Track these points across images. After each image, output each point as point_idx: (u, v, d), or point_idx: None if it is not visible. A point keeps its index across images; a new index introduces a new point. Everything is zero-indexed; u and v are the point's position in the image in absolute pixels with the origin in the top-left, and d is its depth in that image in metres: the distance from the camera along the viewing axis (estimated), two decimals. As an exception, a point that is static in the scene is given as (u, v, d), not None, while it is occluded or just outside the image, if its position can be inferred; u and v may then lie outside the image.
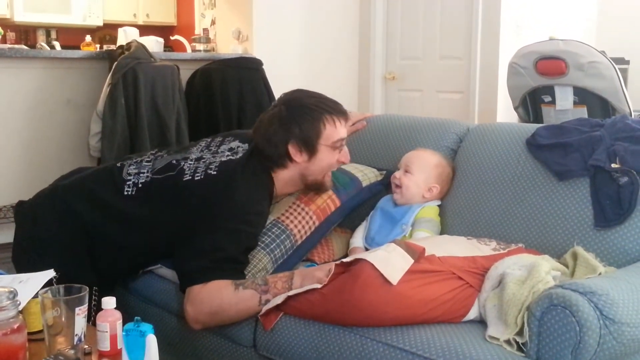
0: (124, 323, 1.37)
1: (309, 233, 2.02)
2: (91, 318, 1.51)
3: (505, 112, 4.36)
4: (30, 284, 1.51)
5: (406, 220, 2.05)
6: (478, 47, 4.51)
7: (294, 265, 1.97)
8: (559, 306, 1.37)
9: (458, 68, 4.69)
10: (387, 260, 1.57)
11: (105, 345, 1.38)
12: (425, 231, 2.02)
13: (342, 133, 2.01)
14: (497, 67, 4.41)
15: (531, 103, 3.76)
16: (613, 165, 1.81)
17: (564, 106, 3.55)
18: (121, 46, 3.72)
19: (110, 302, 1.41)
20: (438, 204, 2.13)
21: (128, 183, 1.98)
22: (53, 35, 7.00)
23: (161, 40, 4.60)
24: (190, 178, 1.94)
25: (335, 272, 1.62)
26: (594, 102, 3.48)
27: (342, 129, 2.01)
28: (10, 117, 3.53)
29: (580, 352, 1.34)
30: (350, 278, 1.58)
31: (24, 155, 3.59)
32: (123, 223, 1.95)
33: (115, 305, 1.41)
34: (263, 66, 4.02)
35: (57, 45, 5.51)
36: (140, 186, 1.97)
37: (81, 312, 1.36)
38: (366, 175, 2.25)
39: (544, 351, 1.39)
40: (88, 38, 5.08)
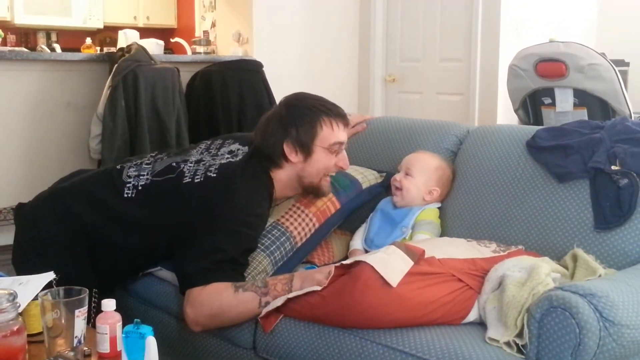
0: (124, 325, 1.37)
1: (309, 235, 2.02)
2: (91, 320, 1.51)
3: (505, 114, 4.35)
4: (30, 286, 1.51)
5: (406, 222, 2.05)
6: (478, 49, 4.50)
7: (294, 267, 1.97)
8: (559, 308, 1.37)
9: (458, 70, 4.68)
10: (387, 262, 1.57)
11: (104, 347, 1.38)
12: (426, 233, 2.02)
13: (340, 136, 2.00)
14: (497, 69, 4.40)
15: (531, 105, 3.76)
16: (613, 167, 1.81)
17: (564, 108, 3.55)
18: (121, 48, 3.72)
19: (110, 304, 1.41)
20: (438, 207, 2.13)
21: (128, 185, 1.98)
22: (53, 37, 7.00)
23: (161, 42, 4.61)
24: (190, 180, 1.94)
25: (335, 275, 1.62)
26: (594, 104, 3.48)
27: (341, 133, 2.00)
28: (10, 120, 3.53)
29: (580, 354, 1.34)
30: (350, 280, 1.58)
31: (24, 157, 3.59)
32: (123, 225, 1.95)
33: (115, 307, 1.41)
34: (263, 68, 4.02)
35: (58, 47, 5.51)
36: (140, 188, 1.97)
37: (81, 314, 1.36)
38: (366, 177, 2.24)
39: (544, 353, 1.38)
40: (88, 40, 5.08)
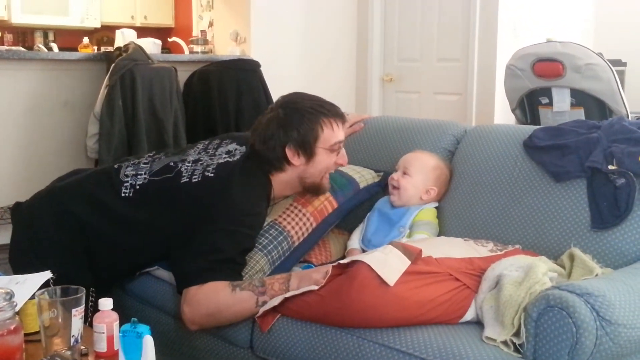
0: (121, 324, 1.37)
1: (306, 235, 2.02)
2: (88, 319, 1.51)
3: (502, 114, 4.36)
4: (27, 285, 1.51)
5: (404, 222, 2.05)
6: (475, 49, 4.51)
7: (291, 266, 1.98)
8: (556, 307, 1.37)
9: (455, 70, 4.69)
10: (384, 261, 1.58)
11: (102, 346, 1.38)
12: (424, 233, 2.02)
13: (340, 136, 2.01)
14: (495, 69, 4.40)
15: (528, 105, 3.76)
16: (610, 166, 1.82)
17: (561, 108, 3.56)
18: (119, 48, 3.71)
19: (107, 303, 1.40)
20: (435, 206, 2.13)
21: (125, 185, 1.98)
22: (50, 37, 6.99)
23: (159, 42, 4.60)
24: (187, 180, 1.94)
25: (332, 274, 1.62)
26: (591, 104, 3.49)
27: (340, 132, 2.01)
28: (7, 119, 3.53)
29: (576, 353, 1.34)
30: (347, 280, 1.58)
31: (21, 156, 3.59)
32: (120, 224, 1.95)
33: (112, 306, 1.41)
34: (261, 68, 4.02)
35: (55, 47, 5.49)
36: (137, 188, 1.97)
37: (78, 314, 1.35)
38: (363, 176, 2.25)
39: (541, 352, 1.39)
40: (85, 40, 5.07)
